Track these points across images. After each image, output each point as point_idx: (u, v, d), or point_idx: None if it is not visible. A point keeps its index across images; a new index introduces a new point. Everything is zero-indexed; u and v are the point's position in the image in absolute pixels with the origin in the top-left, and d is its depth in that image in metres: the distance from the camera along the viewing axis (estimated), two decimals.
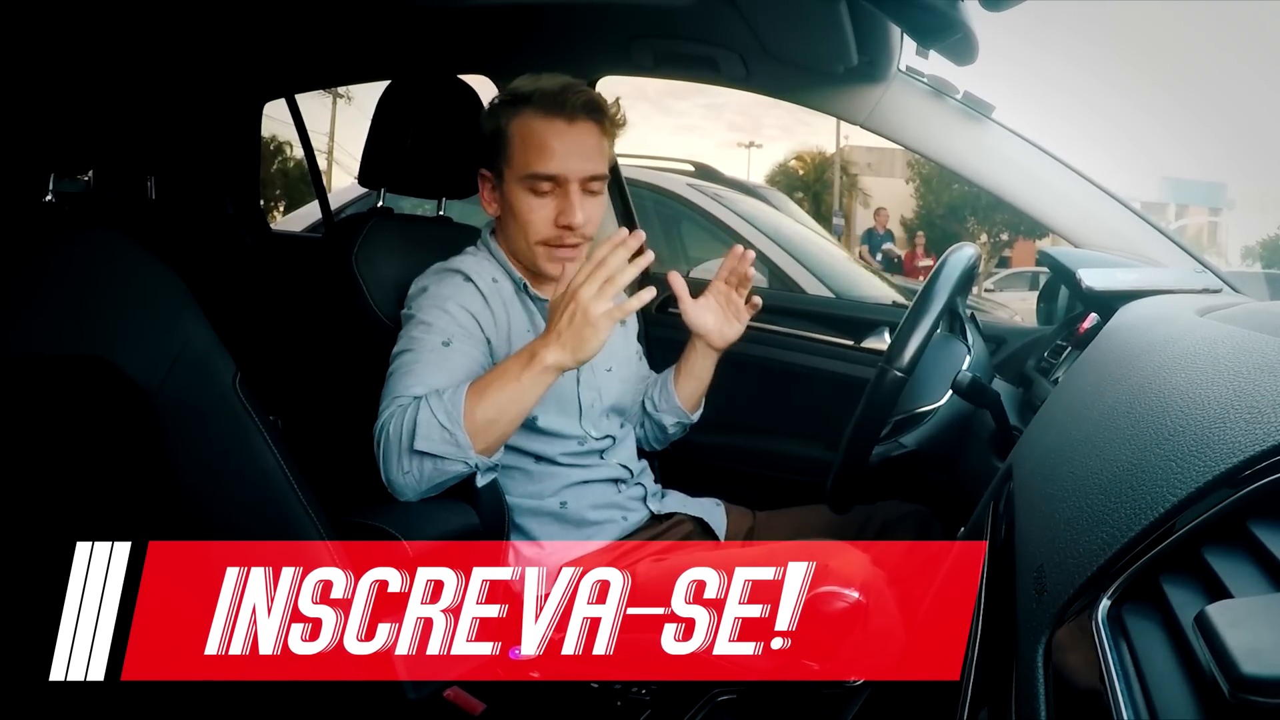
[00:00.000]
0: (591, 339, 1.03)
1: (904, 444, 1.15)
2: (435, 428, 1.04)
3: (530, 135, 1.19)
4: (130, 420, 0.78)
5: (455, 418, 1.04)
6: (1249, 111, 46.65)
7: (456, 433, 1.04)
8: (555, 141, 1.18)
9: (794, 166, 28.40)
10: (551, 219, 1.20)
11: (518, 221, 1.22)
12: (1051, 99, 54.21)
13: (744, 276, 1.29)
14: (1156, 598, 0.37)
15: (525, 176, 1.19)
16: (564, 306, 1.03)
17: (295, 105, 2.24)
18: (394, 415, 1.06)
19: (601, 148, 1.23)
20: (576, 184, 1.19)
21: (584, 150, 1.20)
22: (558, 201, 1.19)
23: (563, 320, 1.03)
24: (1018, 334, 1.67)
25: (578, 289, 1.02)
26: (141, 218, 1.73)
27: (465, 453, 1.05)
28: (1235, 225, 33.48)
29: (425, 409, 1.05)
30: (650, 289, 1.08)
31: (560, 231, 1.20)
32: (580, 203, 1.19)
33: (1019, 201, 1.51)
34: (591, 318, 1.01)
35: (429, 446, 1.04)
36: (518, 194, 1.21)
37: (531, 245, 1.22)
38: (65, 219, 1.22)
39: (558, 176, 1.18)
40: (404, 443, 1.04)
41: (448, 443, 1.04)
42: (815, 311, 1.90)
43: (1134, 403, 0.53)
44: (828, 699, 1.04)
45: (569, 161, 1.18)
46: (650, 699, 1.02)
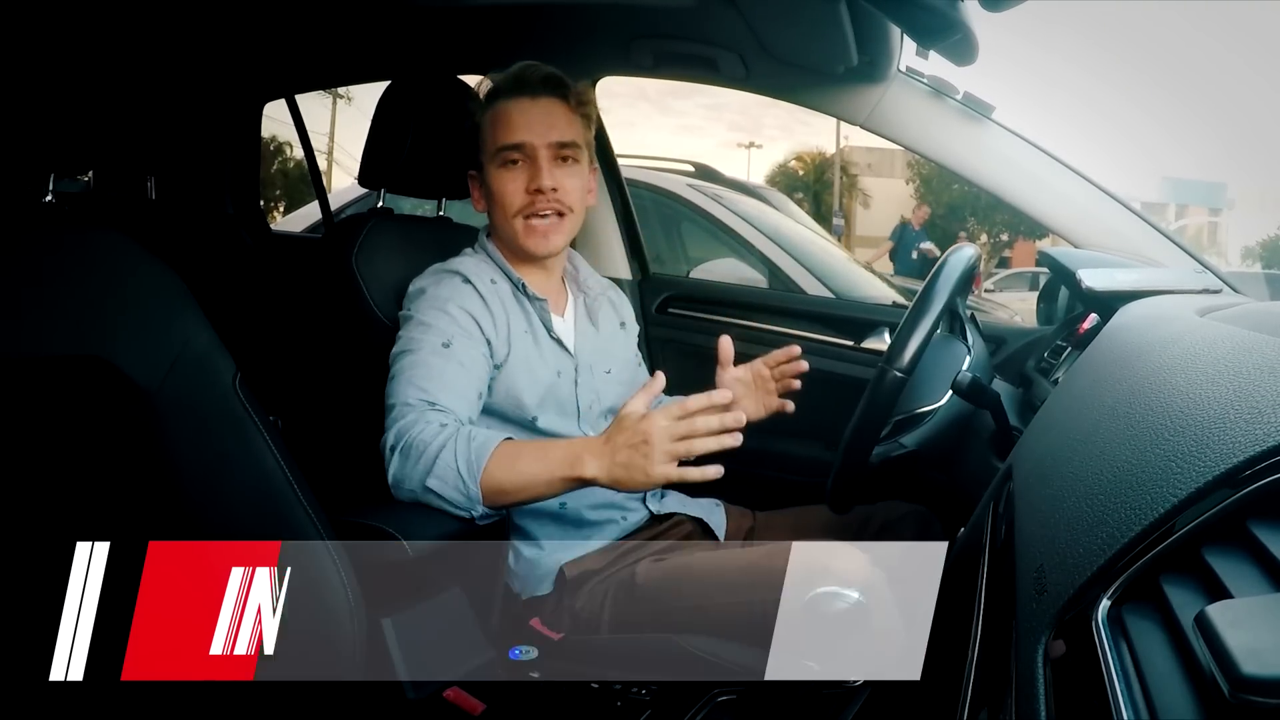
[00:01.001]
0: (640, 476, 0.99)
1: (904, 444, 1.15)
2: (452, 473, 1.04)
3: (497, 117, 1.23)
4: (130, 420, 0.78)
5: (474, 472, 1.04)
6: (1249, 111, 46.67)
7: (471, 487, 1.04)
8: (518, 116, 1.22)
9: (794, 167, 28.41)
10: (523, 188, 1.22)
11: (496, 201, 1.24)
12: (1051, 99, 54.21)
13: (786, 375, 1.28)
14: (1156, 598, 0.37)
15: (495, 153, 1.23)
16: (632, 429, 0.99)
17: (295, 105, 2.24)
18: (414, 428, 1.07)
19: (570, 120, 1.25)
20: (545, 150, 1.22)
21: (549, 119, 1.23)
22: (528, 170, 1.22)
23: (621, 441, 0.99)
24: (1018, 334, 1.67)
25: (655, 422, 0.97)
26: (141, 218, 1.73)
27: (472, 505, 1.05)
28: (1235, 225, 33.47)
29: (449, 450, 1.05)
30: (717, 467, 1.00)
31: (532, 197, 1.22)
32: (550, 169, 1.22)
33: (1019, 201, 1.51)
34: (653, 456, 0.97)
35: (439, 489, 1.05)
36: (494, 174, 1.24)
37: (510, 221, 1.24)
38: (65, 219, 1.22)
39: (524, 145, 1.21)
40: (419, 470, 1.05)
41: (459, 491, 1.05)
42: (815, 311, 1.90)
43: (1134, 403, 0.53)
44: (828, 699, 1.04)
45: (533, 129, 1.22)
46: (650, 699, 1.02)
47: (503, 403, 1.22)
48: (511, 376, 1.22)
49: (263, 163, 2.53)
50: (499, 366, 1.22)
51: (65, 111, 1.11)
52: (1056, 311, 1.56)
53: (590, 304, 1.38)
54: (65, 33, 1.15)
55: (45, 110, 1.08)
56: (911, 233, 9.32)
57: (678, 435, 0.97)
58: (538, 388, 1.24)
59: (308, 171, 2.62)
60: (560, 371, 1.27)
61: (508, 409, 1.22)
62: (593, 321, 1.36)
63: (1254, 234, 32.54)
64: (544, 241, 1.24)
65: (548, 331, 1.29)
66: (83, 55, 1.21)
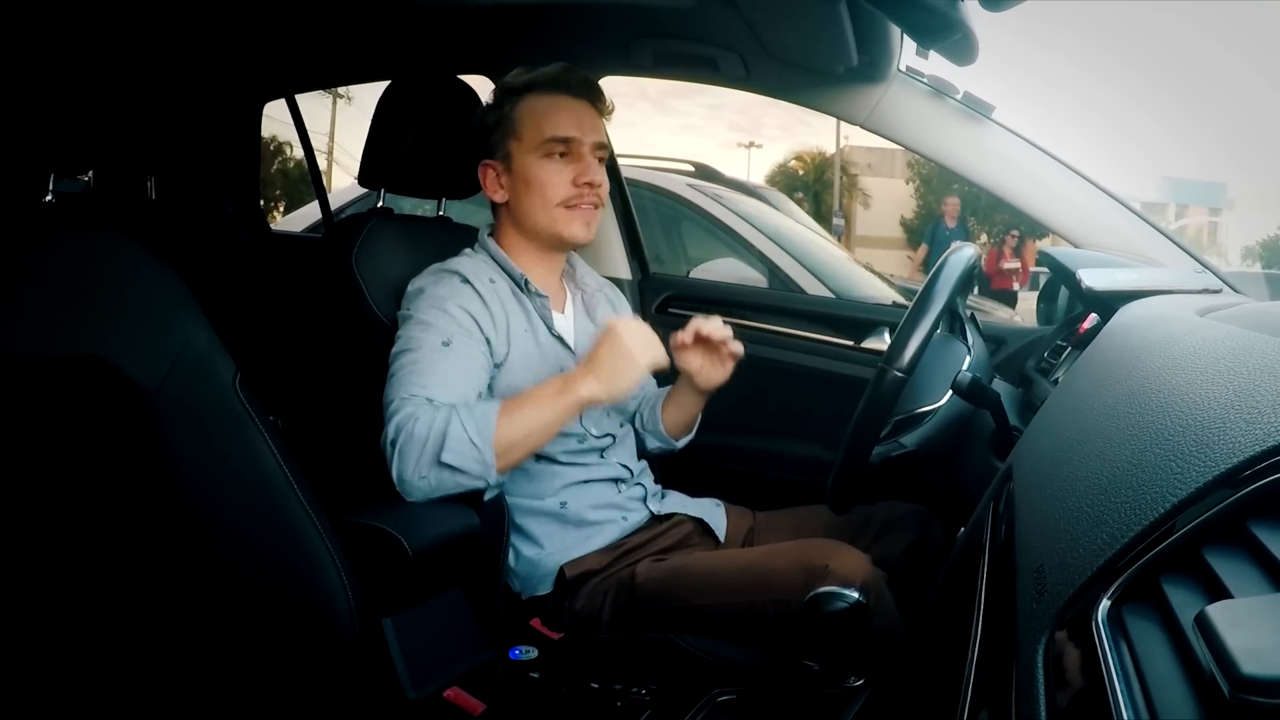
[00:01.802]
0: (631, 372, 1.10)
1: (904, 444, 1.15)
2: (465, 443, 1.05)
3: (540, 109, 1.26)
4: (130, 420, 0.78)
5: (486, 435, 1.06)
6: (1249, 111, 46.65)
7: (485, 450, 1.06)
8: (565, 111, 1.26)
9: (794, 167, 28.43)
10: (570, 180, 1.25)
11: (535, 189, 1.26)
12: (1051, 99, 54.23)
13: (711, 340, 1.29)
14: (1156, 598, 0.37)
15: (542, 143, 1.25)
16: (607, 338, 1.10)
17: (295, 105, 2.24)
18: (416, 418, 1.07)
19: (602, 124, 1.31)
20: (589, 148, 1.26)
21: (592, 120, 1.28)
22: (574, 164, 1.26)
23: (603, 351, 1.10)
24: (1018, 334, 1.66)
25: (622, 325, 1.11)
26: (141, 218, 1.73)
27: (488, 470, 1.07)
28: (1235, 225, 33.45)
29: (456, 422, 1.06)
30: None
31: (580, 189, 1.25)
32: (595, 166, 1.27)
33: (1019, 201, 1.51)
34: (634, 350, 1.10)
35: (455, 460, 1.05)
36: (533, 164, 1.26)
37: (551, 209, 1.26)
38: (65, 219, 1.22)
39: (572, 139, 1.25)
40: (429, 450, 1.05)
41: (474, 459, 1.06)
42: (815, 311, 1.90)
43: (1134, 403, 0.53)
44: (828, 699, 1.04)
45: (581, 127, 1.26)
46: (650, 699, 1.02)
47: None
48: (511, 375, 1.22)
49: (263, 163, 2.53)
50: (499, 365, 1.22)
51: (65, 111, 1.11)
52: (1056, 311, 1.56)
53: (588, 301, 1.38)
54: (65, 33, 1.15)
55: (45, 110, 1.08)
56: (945, 231, 8.16)
57: (646, 331, 1.12)
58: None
59: (308, 171, 2.62)
60: (562, 368, 1.28)
61: None
62: (591, 318, 1.37)
63: (1254, 234, 32.56)
64: (585, 230, 1.28)
65: (548, 328, 1.29)
66: (83, 55, 1.21)
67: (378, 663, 1.01)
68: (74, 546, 0.80)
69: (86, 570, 0.80)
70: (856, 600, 1.07)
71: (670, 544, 1.31)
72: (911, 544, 1.31)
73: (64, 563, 0.79)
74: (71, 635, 0.80)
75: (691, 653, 1.10)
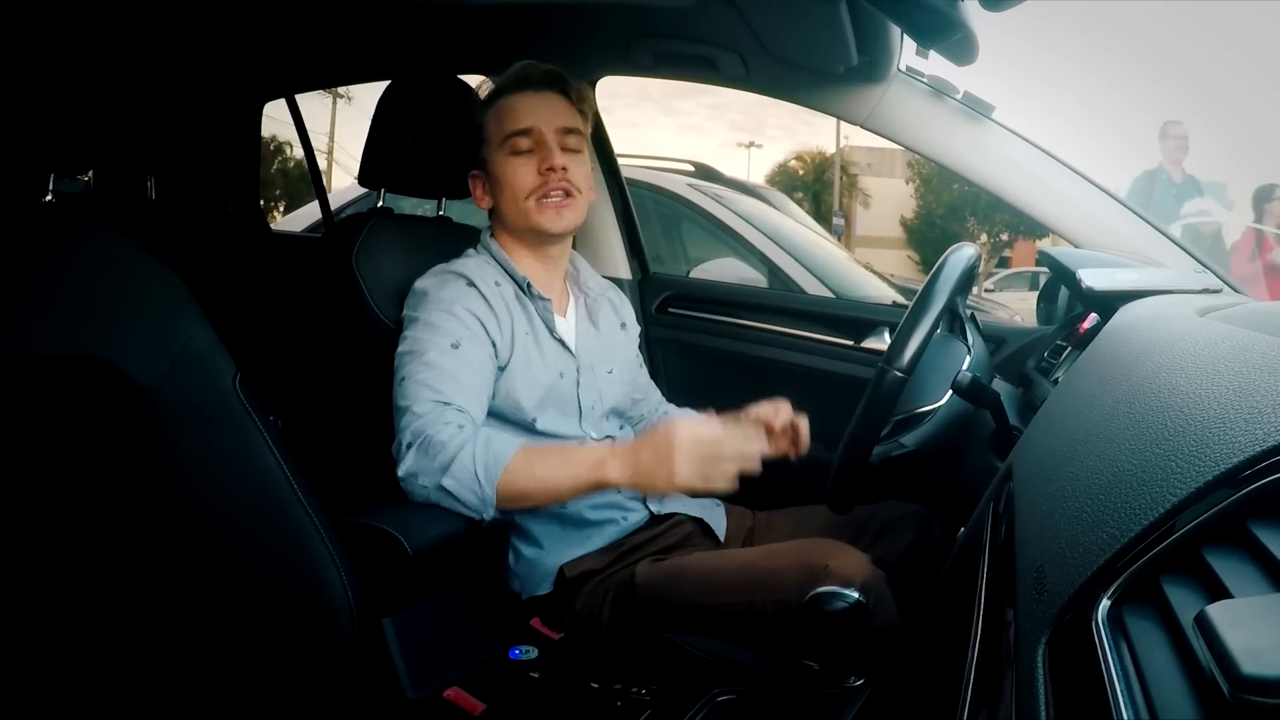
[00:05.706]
0: (662, 482, 1.04)
1: (904, 444, 1.15)
2: (468, 476, 1.06)
3: (502, 110, 1.27)
4: (130, 420, 0.78)
5: (491, 475, 1.06)
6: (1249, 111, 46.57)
7: (486, 489, 1.06)
8: (524, 106, 1.26)
9: (794, 166, 28.45)
10: (534, 170, 1.24)
11: (505, 187, 1.26)
12: (1051, 99, 54.20)
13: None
14: (1156, 598, 0.37)
15: (504, 141, 1.25)
16: (662, 437, 1.04)
17: (295, 105, 2.24)
18: (430, 433, 1.08)
19: (572, 111, 1.29)
20: (552, 135, 1.25)
21: (554, 109, 1.27)
22: (538, 154, 1.25)
23: (649, 446, 1.05)
24: (1018, 334, 1.66)
25: (683, 432, 1.02)
26: (141, 218, 1.73)
27: (485, 507, 1.07)
28: (1235, 225, 33.43)
29: (468, 451, 1.06)
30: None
31: (544, 178, 1.24)
32: (558, 152, 1.25)
33: (1019, 201, 1.51)
34: (676, 463, 1.02)
35: (456, 489, 1.06)
36: (501, 162, 1.26)
37: (521, 203, 1.25)
38: (65, 219, 1.22)
39: (532, 129, 1.24)
40: (435, 469, 1.06)
41: (474, 494, 1.06)
42: (815, 311, 1.90)
43: (1134, 403, 0.53)
44: (828, 699, 1.04)
45: (539, 115, 1.25)
46: (650, 699, 1.02)
47: (502, 404, 1.22)
48: (512, 378, 1.22)
49: (263, 163, 2.53)
50: (502, 368, 1.22)
51: (65, 111, 1.11)
52: (1056, 311, 1.56)
53: (591, 304, 1.38)
54: (65, 33, 1.15)
55: (45, 110, 1.08)
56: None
57: (704, 452, 1.02)
58: (537, 389, 1.24)
59: (308, 171, 2.62)
60: (563, 372, 1.27)
61: (507, 410, 1.22)
62: (593, 322, 1.37)
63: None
64: (557, 218, 1.26)
65: (550, 332, 1.29)
66: (82, 55, 1.21)
67: (378, 663, 1.01)
68: (74, 545, 0.80)
69: (87, 569, 0.80)
70: (856, 600, 1.07)
71: (670, 544, 1.31)
72: (911, 544, 1.31)
73: (65, 562, 0.79)
74: (72, 634, 0.80)
75: (691, 652, 1.09)
